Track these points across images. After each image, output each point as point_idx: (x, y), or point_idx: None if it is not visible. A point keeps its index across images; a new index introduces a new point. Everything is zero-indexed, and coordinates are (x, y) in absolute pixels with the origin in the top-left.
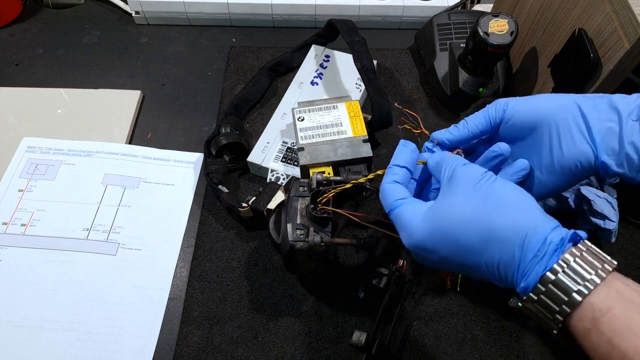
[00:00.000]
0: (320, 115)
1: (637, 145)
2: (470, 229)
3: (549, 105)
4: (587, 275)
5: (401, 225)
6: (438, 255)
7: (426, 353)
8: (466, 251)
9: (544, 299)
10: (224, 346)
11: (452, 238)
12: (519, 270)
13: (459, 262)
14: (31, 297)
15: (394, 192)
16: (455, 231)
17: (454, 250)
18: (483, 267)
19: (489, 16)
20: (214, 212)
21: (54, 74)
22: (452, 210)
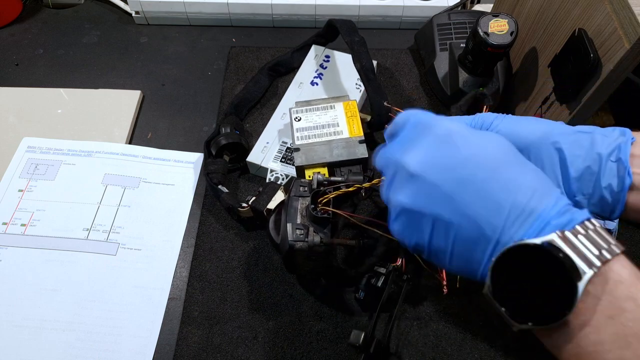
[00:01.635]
0: (317, 115)
1: (614, 187)
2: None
3: (531, 135)
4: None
5: (438, 118)
6: (463, 154)
7: (426, 353)
8: (511, 165)
9: (584, 240)
10: (224, 346)
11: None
12: (557, 204)
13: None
14: (31, 297)
15: None
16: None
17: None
18: (522, 189)
19: (489, 16)
20: (214, 212)
21: (54, 74)
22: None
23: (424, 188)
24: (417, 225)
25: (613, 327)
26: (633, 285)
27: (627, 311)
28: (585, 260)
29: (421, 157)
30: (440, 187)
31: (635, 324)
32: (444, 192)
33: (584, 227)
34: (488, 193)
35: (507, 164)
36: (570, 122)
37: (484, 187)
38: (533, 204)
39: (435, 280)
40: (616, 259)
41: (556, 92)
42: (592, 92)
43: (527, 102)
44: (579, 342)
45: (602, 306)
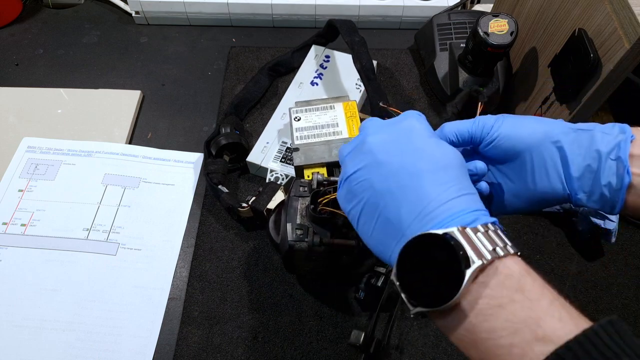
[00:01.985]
0: (316, 116)
1: (613, 185)
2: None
3: (531, 136)
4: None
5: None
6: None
7: (426, 353)
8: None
9: (481, 237)
10: (224, 346)
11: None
12: (460, 212)
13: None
14: (31, 297)
15: None
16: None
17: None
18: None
19: (489, 16)
20: (214, 212)
21: (54, 74)
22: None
23: (370, 164)
24: (355, 195)
25: (503, 314)
26: (522, 278)
27: (516, 301)
28: (476, 252)
29: (379, 139)
30: (383, 167)
31: (523, 312)
32: (384, 173)
33: (485, 228)
34: (417, 186)
35: (447, 168)
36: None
37: (417, 180)
38: (449, 205)
39: None
40: (510, 257)
41: (556, 92)
42: (592, 92)
43: (527, 102)
44: (473, 329)
45: (492, 296)
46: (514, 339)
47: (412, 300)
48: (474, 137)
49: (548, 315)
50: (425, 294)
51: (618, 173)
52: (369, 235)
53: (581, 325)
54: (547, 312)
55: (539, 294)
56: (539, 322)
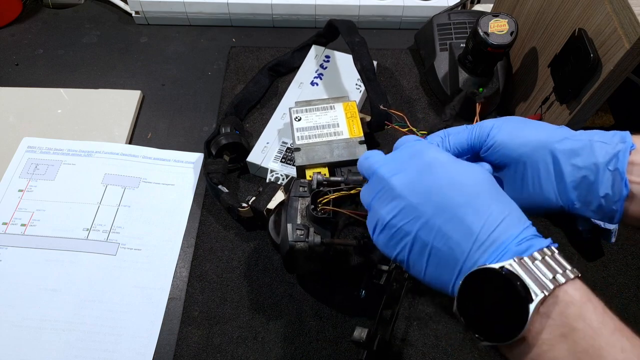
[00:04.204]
0: (317, 116)
1: (611, 196)
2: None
3: (526, 145)
4: (568, 266)
5: (427, 147)
6: (444, 180)
7: (426, 353)
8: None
9: (539, 265)
10: (224, 346)
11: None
12: (519, 235)
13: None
14: (31, 297)
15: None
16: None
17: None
18: (487, 215)
19: (489, 16)
20: (214, 212)
21: (54, 74)
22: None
23: (405, 208)
24: (398, 240)
25: (566, 344)
26: (583, 306)
27: (578, 330)
28: (538, 283)
29: (405, 181)
30: (419, 209)
31: (585, 341)
32: (422, 214)
33: (542, 254)
34: (460, 219)
35: (481, 194)
36: (570, 122)
37: (457, 214)
38: (498, 233)
39: None
40: (570, 282)
41: (556, 92)
42: (592, 92)
43: (527, 102)
44: (538, 358)
45: (555, 325)
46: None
47: (479, 336)
48: (473, 146)
49: (609, 345)
50: (491, 329)
51: (615, 184)
52: (422, 275)
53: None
54: (609, 342)
55: (600, 322)
56: (601, 352)
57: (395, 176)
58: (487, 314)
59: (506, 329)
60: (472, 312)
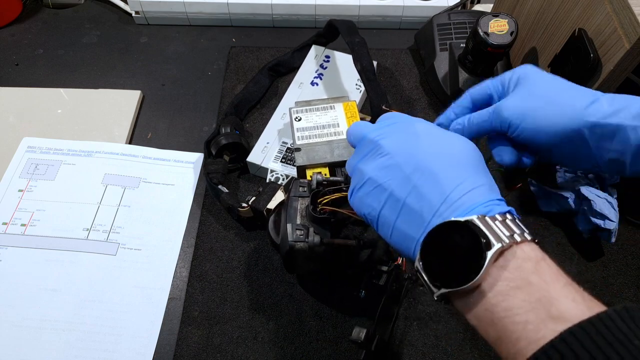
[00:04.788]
0: (317, 116)
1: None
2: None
3: (555, 134)
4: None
5: (417, 119)
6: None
7: (426, 353)
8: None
9: (498, 224)
10: (224, 346)
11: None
12: (479, 203)
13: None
14: (31, 297)
15: None
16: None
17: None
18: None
19: (489, 16)
20: (214, 212)
21: (54, 74)
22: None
23: (389, 166)
24: (374, 196)
25: (521, 295)
26: (538, 263)
27: (532, 283)
28: (496, 237)
29: (393, 142)
30: (401, 167)
31: (539, 292)
32: (404, 172)
33: (502, 217)
34: (436, 180)
35: (462, 163)
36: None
37: (434, 175)
38: (468, 197)
39: None
40: (527, 243)
41: None
42: None
43: None
44: (492, 308)
45: (511, 278)
46: (529, 316)
47: (435, 282)
48: (494, 131)
49: (562, 296)
50: (448, 276)
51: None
52: (389, 233)
53: (594, 308)
54: (561, 293)
55: (553, 277)
56: (553, 302)
57: (384, 139)
58: (446, 264)
59: (463, 276)
60: (431, 263)
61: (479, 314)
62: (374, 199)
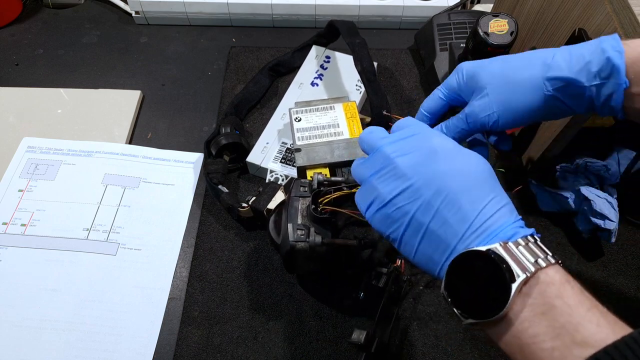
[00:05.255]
0: (317, 116)
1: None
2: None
3: (525, 114)
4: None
5: (435, 133)
6: (448, 167)
7: (426, 353)
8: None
9: (523, 250)
10: (224, 346)
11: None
12: (513, 215)
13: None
14: (31, 297)
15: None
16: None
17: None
18: (487, 198)
19: (489, 16)
20: (214, 212)
21: (54, 74)
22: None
23: (408, 189)
24: (395, 219)
25: (545, 321)
26: (562, 286)
27: (556, 307)
28: (520, 265)
29: (411, 162)
30: (421, 191)
31: (563, 317)
32: (423, 196)
33: (525, 240)
34: (458, 205)
35: (481, 184)
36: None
37: (456, 199)
38: (491, 221)
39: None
40: (551, 266)
41: None
42: None
43: None
44: (519, 335)
45: (535, 304)
46: (555, 342)
47: (463, 313)
48: (472, 130)
49: (586, 321)
50: (474, 307)
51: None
52: (412, 254)
53: (619, 331)
54: (585, 317)
55: (577, 301)
56: (577, 327)
57: (401, 157)
58: (472, 293)
59: (489, 307)
60: (458, 291)
61: (507, 340)
62: (395, 221)
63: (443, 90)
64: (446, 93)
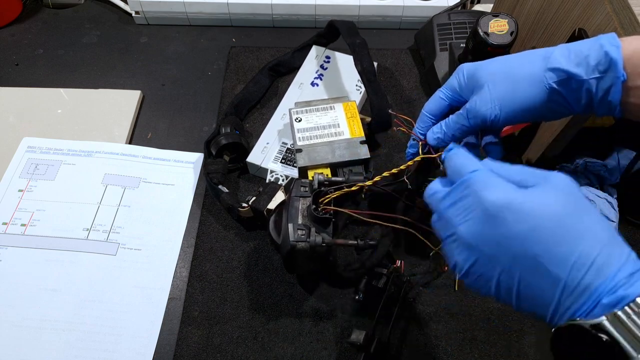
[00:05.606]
0: (317, 116)
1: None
2: (580, 217)
3: (527, 109)
4: None
5: (496, 183)
6: (527, 225)
7: (426, 353)
8: (570, 231)
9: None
10: (224, 346)
11: (559, 213)
12: (615, 277)
13: (546, 239)
14: (31, 297)
15: (474, 159)
16: (567, 210)
17: (552, 223)
18: (572, 257)
19: (489, 16)
20: (214, 212)
21: (54, 74)
22: (563, 196)
23: (481, 259)
24: (483, 283)
25: None
26: None
27: None
28: (635, 344)
29: (474, 231)
30: (496, 259)
31: None
32: (499, 263)
33: (637, 305)
34: (542, 269)
35: (560, 235)
36: (570, 122)
37: (537, 264)
38: (590, 278)
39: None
40: None
41: None
42: None
43: None
44: None
45: None
46: None
47: None
48: (472, 127)
49: None
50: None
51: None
52: (516, 308)
53: None
54: None
55: None
56: None
57: (461, 225)
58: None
59: None
60: (568, 357)
61: None
62: (483, 285)
63: (444, 91)
64: (447, 94)
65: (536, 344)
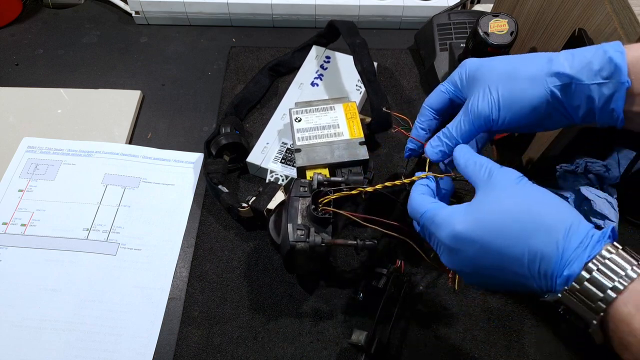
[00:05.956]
0: (317, 117)
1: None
2: (515, 218)
3: (531, 110)
4: (629, 266)
5: (440, 222)
6: (477, 246)
7: (426, 353)
8: (509, 239)
9: (588, 287)
10: (224, 346)
11: (496, 225)
12: (562, 259)
13: (497, 252)
14: (31, 297)
15: (425, 199)
16: (500, 219)
17: (495, 238)
18: (524, 258)
19: (489, 16)
20: (214, 212)
21: (54, 74)
22: (497, 201)
23: (464, 273)
24: (478, 284)
25: (629, 355)
26: (632, 320)
27: (632, 345)
28: (590, 309)
29: (446, 259)
30: (477, 272)
31: (638, 355)
32: (481, 275)
33: (588, 271)
34: (509, 272)
35: (508, 244)
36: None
37: (504, 268)
38: (543, 268)
39: (435, 281)
40: (620, 297)
41: None
42: None
43: None
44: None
45: (615, 339)
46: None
47: None
48: (477, 130)
49: None
50: None
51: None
52: (499, 287)
53: None
54: None
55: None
56: None
57: (437, 250)
58: None
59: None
60: None
61: (622, 344)
62: (479, 286)
63: (446, 85)
64: (449, 88)
65: (536, 344)
